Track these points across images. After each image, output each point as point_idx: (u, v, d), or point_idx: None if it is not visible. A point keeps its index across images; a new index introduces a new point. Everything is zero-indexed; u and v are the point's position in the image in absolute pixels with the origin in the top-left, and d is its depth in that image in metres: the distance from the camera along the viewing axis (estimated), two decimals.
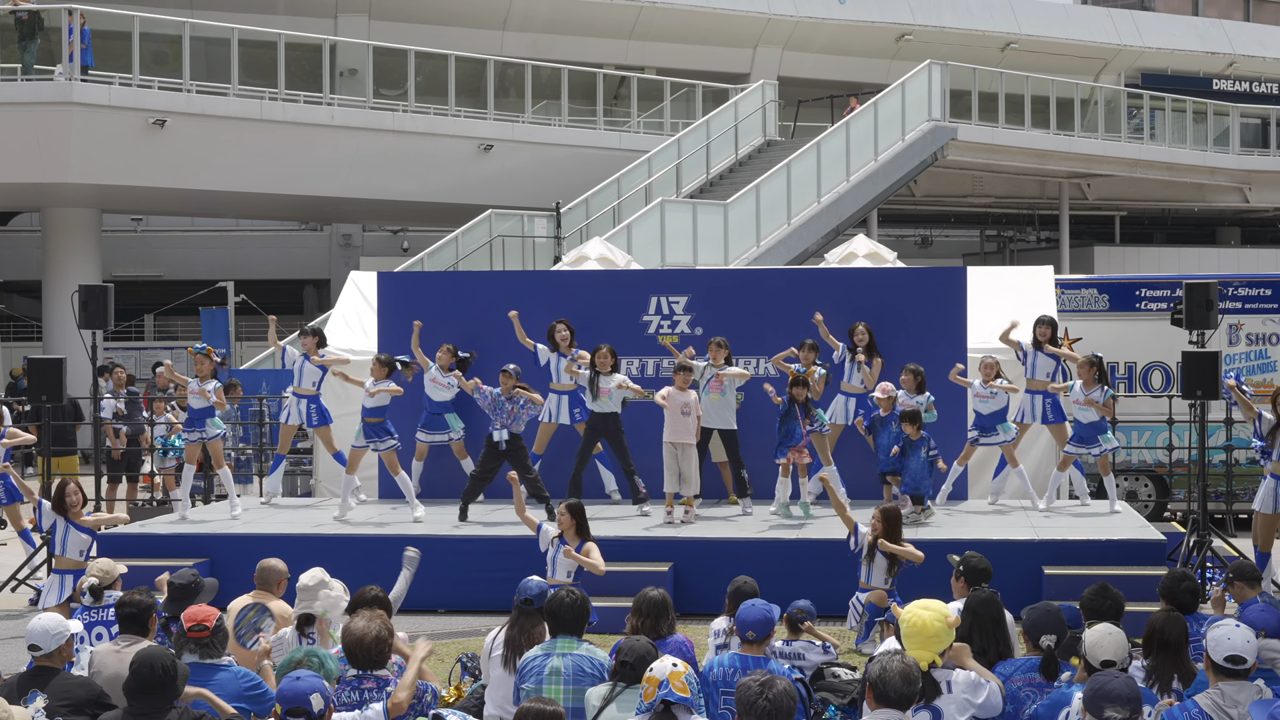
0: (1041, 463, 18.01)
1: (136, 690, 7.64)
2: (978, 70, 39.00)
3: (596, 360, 16.56)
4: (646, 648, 8.10)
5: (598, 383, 16.50)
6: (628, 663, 7.99)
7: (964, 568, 10.36)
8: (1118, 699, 6.99)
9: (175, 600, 10.08)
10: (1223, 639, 7.47)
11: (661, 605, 9.36)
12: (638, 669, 7.87)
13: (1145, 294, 21.02)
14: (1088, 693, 7.13)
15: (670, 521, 16.04)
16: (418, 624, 14.28)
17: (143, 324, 44.95)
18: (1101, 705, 6.99)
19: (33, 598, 15.84)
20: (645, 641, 8.24)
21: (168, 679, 7.63)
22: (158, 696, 7.62)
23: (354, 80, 33.78)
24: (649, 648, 8.12)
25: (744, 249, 31.08)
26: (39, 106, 29.00)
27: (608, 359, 16.55)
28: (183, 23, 31.37)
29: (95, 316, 17.40)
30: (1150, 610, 9.18)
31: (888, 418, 16.15)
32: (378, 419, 16.55)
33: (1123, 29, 49.64)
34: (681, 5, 42.26)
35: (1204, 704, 7.37)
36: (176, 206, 38.20)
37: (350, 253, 43.82)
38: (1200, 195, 47.40)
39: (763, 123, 36.89)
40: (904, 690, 7.13)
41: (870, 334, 17.02)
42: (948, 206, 47.61)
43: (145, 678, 7.62)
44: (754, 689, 6.78)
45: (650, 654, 8.01)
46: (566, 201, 32.41)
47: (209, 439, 16.87)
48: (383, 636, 8.24)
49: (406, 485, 16.70)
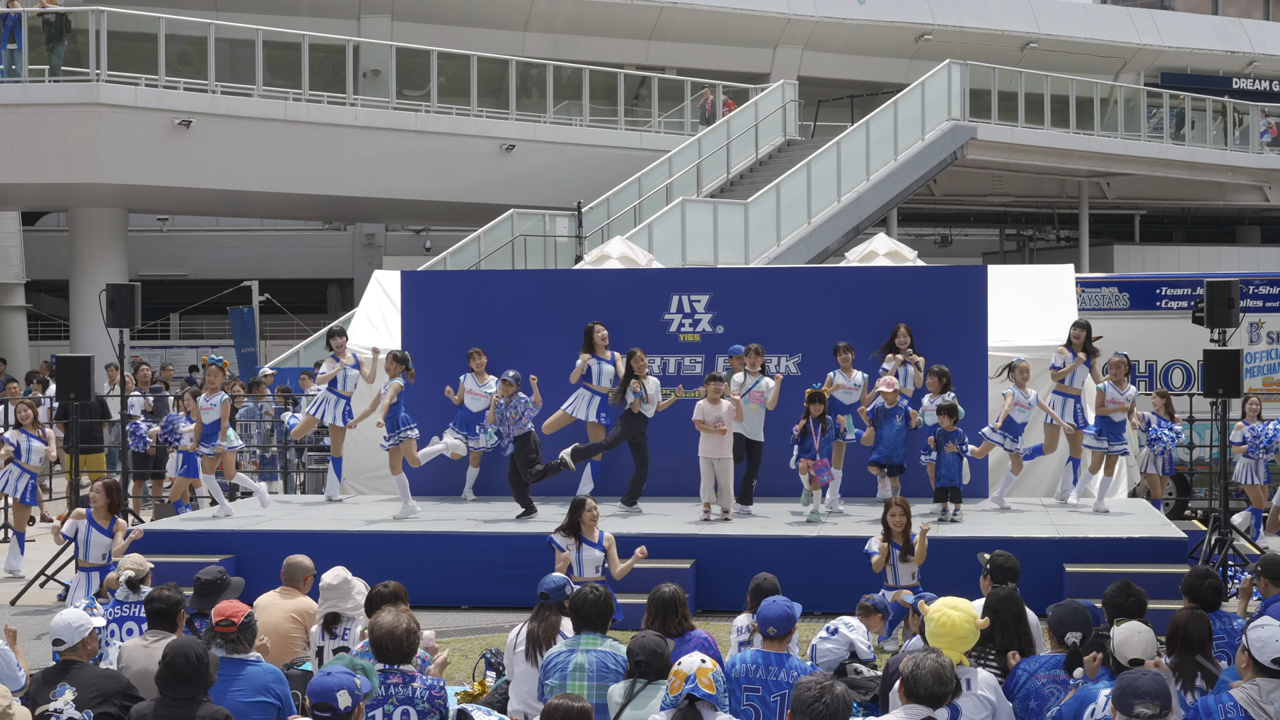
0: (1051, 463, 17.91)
1: (169, 680, 7.68)
2: (997, 70, 38.99)
3: (635, 365, 16.59)
4: (656, 642, 8.12)
5: (645, 387, 16.57)
6: (641, 661, 8.03)
7: (990, 566, 10.36)
8: (1147, 695, 7.02)
9: (201, 596, 10.17)
10: (1270, 640, 7.46)
11: (670, 603, 9.39)
12: (653, 664, 7.93)
13: (1166, 292, 21.03)
14: (1116, 690, 7.15)
15: (706, 519, 16.11)
16: (442, 619, 14.40)
17: (168, 323, 45.14)
18: (1131, 702, 7.01)
19: (61, 593, 15.97)
20: (653, 635, 8.26)
21: (200, 668, 7.68)
22: (190, 686, 7.66)
23: (377, 81, 33.89)
24: (659, 641, 8.14)
25: (764, 248, 31.14)
26: (66, 108, 29.19)
27: (643, 361, 16.68)
28: (208, 24, 31.54)
29: (123, 315, 17.47)
30: (1173, 608, 9.14)
31: (891, 410, 16.20)
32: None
33: (1142, 28, 49.57)
34: (702, 6, 42.32)
35: (1239, 697, 7.39)
36: (202, 206, 38.37)
37: (373, 252, 43.95)
38: (1220, 194, 47.32)
39: (783, 122, 36.92)
40: (934, 689, 7.17)
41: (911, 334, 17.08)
42: (967, 205, 47.60)
43: (179, 668, 7.66)
44: (813, 691, 6.71)
45: (661, 647, 8.04)
46: (588, 201, 32.48)
47: (226, 451, 17.06)
48: (412, 629, 8.25)
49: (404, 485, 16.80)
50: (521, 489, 16.58)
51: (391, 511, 16.83)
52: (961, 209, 48.35)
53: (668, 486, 17.06)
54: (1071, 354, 16.76)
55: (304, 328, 37.74)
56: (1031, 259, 48.85)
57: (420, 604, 8.97)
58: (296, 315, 40.34)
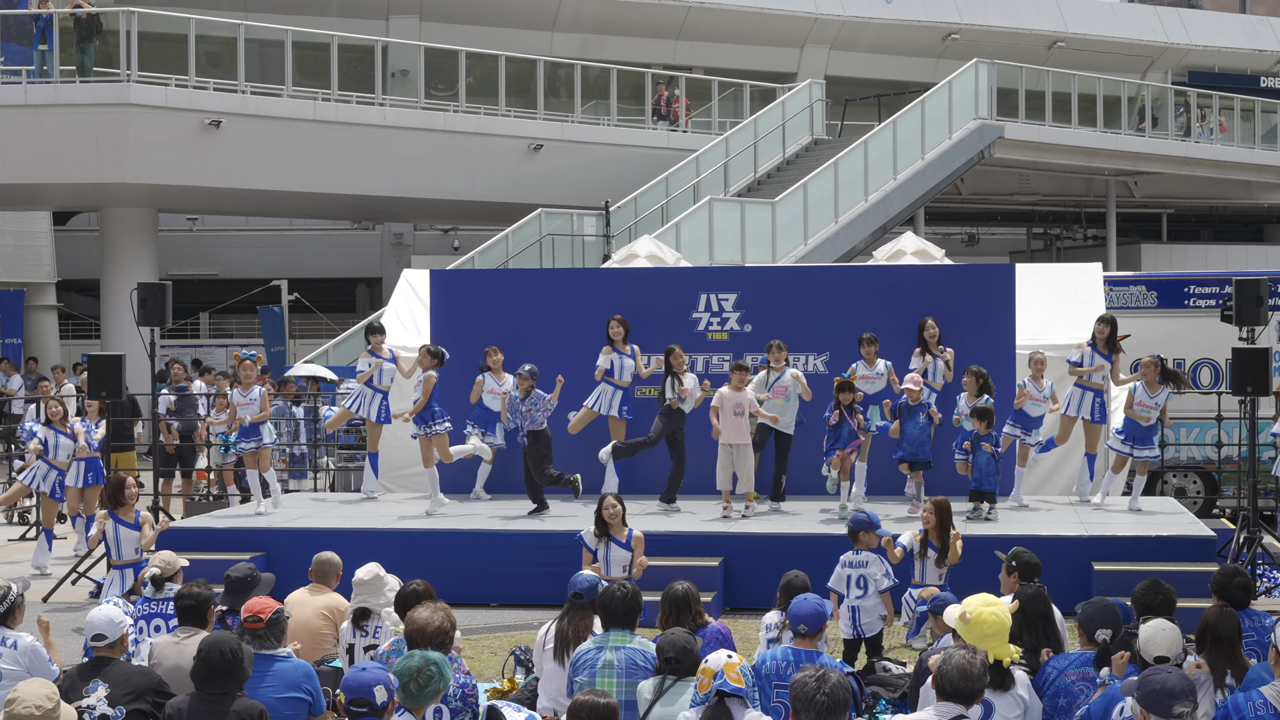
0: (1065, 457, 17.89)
1: (205, 675, 7.76)
2: (1024, 69, 38.90)
3: (673, 361, 16.70)
4: (686, 639, 8.17)
5: (683, 383, 16.67)
6: (672, 658, 8.07)
7: (1015, 563, 10.35)
8: (1182, 694, 7.03)
9: (231, 593, 10.25)
10: None
11: (684, 600, 9.44)
12: (683, 661, 7.97)
13: (1194, 291, 20.97)
14: (1145, 693, 7.12)
15: (727, 516, 16.16)
16: (470, 617, 14.46)
17: (198, 322, 45.32)
18: (1168, 704, 7.00)
19: (93, 590, 16.06)
20: (684, 633, 8.30)
21: (235, 663, 7.75)
22: (225, 680, 7.74)
23: (405, 81, 33.96)
24: (689, 639, 8.18)
25: (792, 247, 31.15)
26: (97, 108, 29.28)
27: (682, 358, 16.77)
28: (237, 25, 31.63)
29: (153, 314, 17.57)
30: (1201, 606, 9.16)
31: (915, 407, 16.16)
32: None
33: (1169, 27, 49.40)
34: (729, 5, 42.31)
35: (1269, 695, 7.40)
36: (231, 206, 38.47)
37: (402, 251, 44.04)
38: (1248, 192, 47.13)
39: (810, 122, 36.89)
40: (961, 685, 7.17)
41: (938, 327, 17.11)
42: (994, 204, 47.48)
43: (215, 663, 7.74)
44: (810, 685, 6.74)
45: (691, 645, 8.08)
46: (615, 200, 32.51)
47: (262, 446, 17.16)
48: (445, 629, 8.28)
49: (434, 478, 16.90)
50: (534, 485, 16.67)
51: (422, 509, 16.93)
52: (988, 208, 48.23)
53: (696, 484, 17.09)
54: (1093, 349, 16.69)
55: (333, 327, 37.84)
56: (1059, 258, 48.68)
57: (448, 601, 8.97)
58: (325, 314, 40.46)
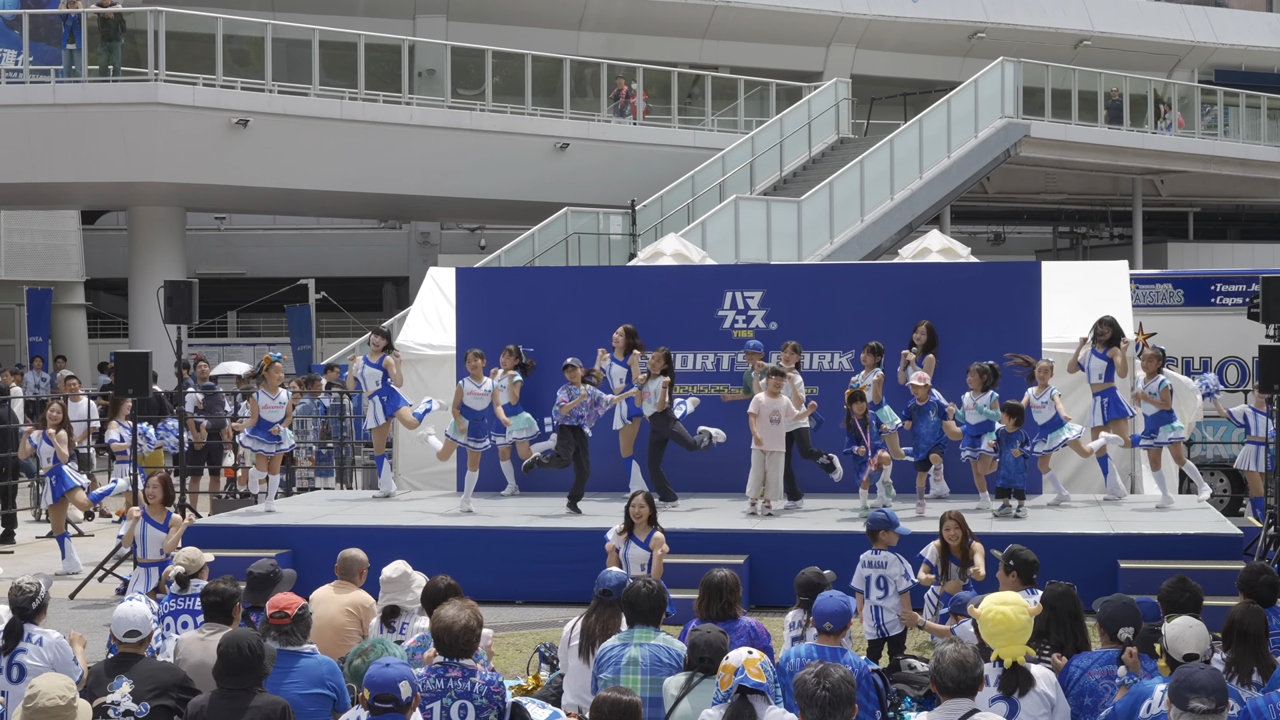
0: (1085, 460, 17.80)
1: (225, 671, 7.79)
2: (1050, 67, 38.83)
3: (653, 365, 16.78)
4: (718, 637, 8.14)
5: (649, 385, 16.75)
6: (705, 657, 8.04)
7: (1012, 561, 10.29)
8: (1203, 690, 6.99)
9: (254, 590, 10.27)
10: None
11: (717, 588, 9.37)
12: (714, 659, 7.92)
13: (1220, 288, 20.87)
14: (1173, 685, 7.11)
15: (753, 514, 16.16)
16: (496, 615, 14.47)
17: (225, 321, 45.47)
18: (1187, 696, 6.98)
19: (119, 587, 16.12)
20: (716, 631, 8.27)
21: (254, 658, 7.79)
22: (244, 676, 7.77)
23: (432, 80, 34.03)
24: (721, 637, 8.15)
25: (817, 245, 31.15)
26: (125, 107, 29.43)
27: (659, 362, 16.77)
28: (265, 24, 31.76)
29: (180, 312, 17.63)
30: (1228, 604, 9.11)
31: (925, 406, 16.08)
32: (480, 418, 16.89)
33: (1196, 25, 49.23)
34: (755, 4, 42.29)
35: None
36: (259, 205, 38.60)
37: (428, 250, 44.11)
38: (1275, 190, 46.94)
39: (836, 120, 36.88)
40: (960, 678, 7.17)
41: (930, 333, 17.05)
42: (1020, 203, 47.40)
43: (234, 658, 7.78)
44: (810, 681, 6.75)
45: (722, 643, 8.05)
46: (641, 199, 32.53)
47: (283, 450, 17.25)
48: (471, 626, 8.23)
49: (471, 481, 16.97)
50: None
51: (449, 506, 16.99)
52: (1015, 206, 48.15)
53: (719, 482, 17.11)
54: (1092, 351, 16.70)
55: (360, 326, 37.93)
56: (1085, 256, 48.53)
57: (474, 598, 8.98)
58: (352, 313, 40.58)
